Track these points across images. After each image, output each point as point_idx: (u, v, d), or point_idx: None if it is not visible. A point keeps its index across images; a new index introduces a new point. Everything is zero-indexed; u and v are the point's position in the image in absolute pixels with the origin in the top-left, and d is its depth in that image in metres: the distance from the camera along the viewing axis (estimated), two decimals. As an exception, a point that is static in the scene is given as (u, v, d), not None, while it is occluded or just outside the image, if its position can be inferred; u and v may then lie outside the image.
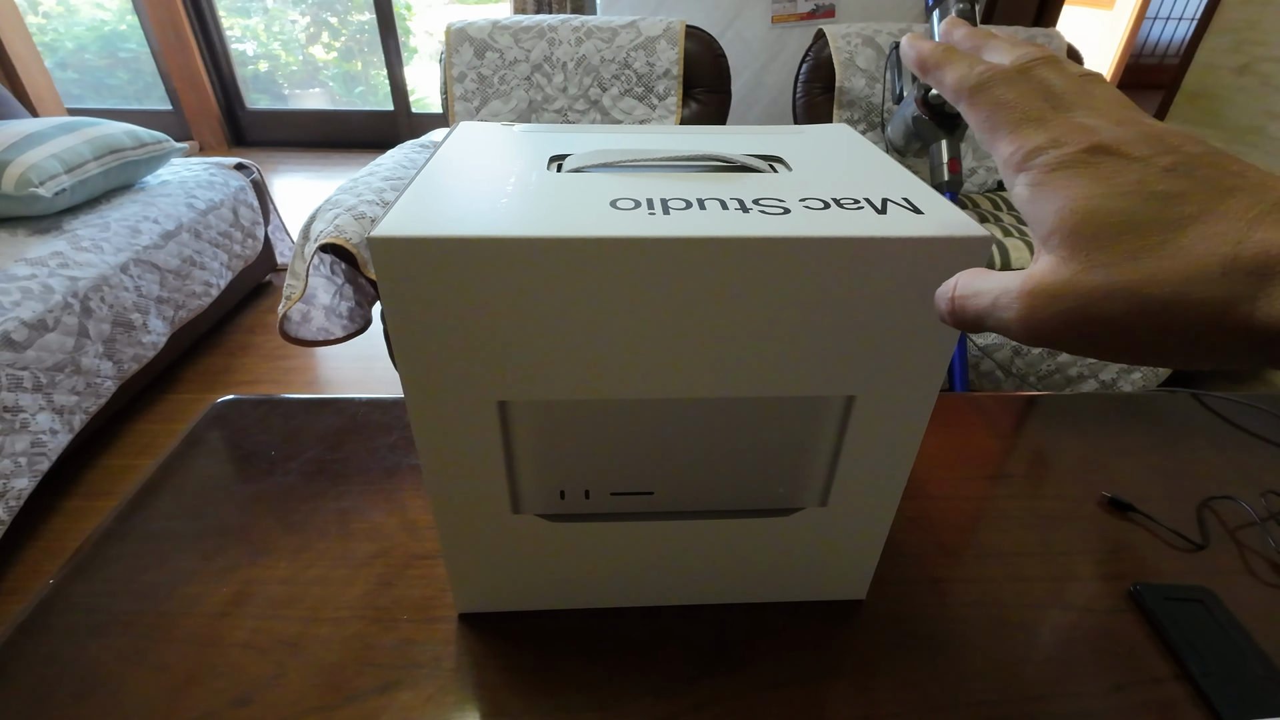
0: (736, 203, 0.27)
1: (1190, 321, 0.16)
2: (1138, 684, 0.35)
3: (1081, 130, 0.18)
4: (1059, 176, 0.17)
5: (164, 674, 0.34)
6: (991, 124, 0.20)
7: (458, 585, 0.36)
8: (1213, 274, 0.15)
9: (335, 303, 1.18)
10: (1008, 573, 0.42)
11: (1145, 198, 0.16)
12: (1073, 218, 0.17)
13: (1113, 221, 0.16)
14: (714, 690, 0.34)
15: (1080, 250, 0.17)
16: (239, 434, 0.52)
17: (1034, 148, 0.18)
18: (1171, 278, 0.16)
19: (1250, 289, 0.15)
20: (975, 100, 0.20)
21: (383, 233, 0.24)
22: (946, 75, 0.21)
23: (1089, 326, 0.17)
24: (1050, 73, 0.20)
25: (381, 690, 0.34)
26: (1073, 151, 0.17)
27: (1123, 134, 0.17)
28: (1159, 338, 0.16)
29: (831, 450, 0.32)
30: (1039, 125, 0.18)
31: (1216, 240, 0.15)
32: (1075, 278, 0.17)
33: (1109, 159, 0.17)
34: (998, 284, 0.19)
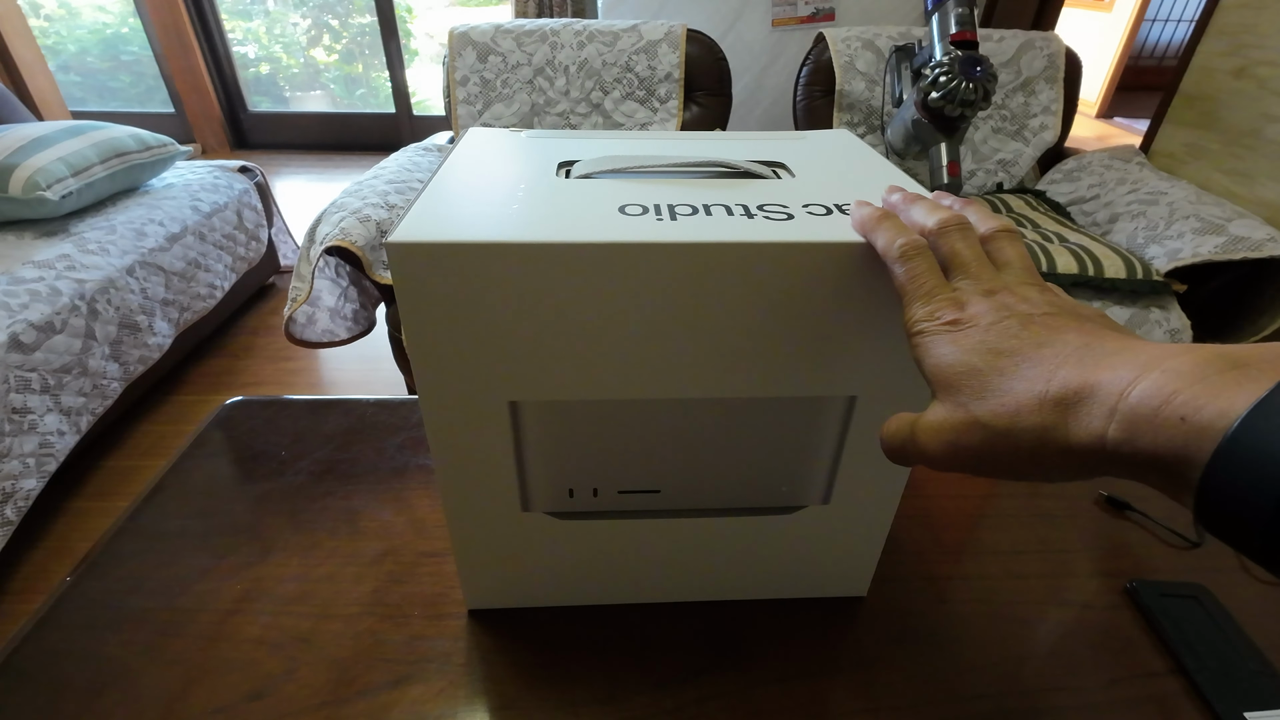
0: (741, 208, 0.28)
1: (1025, 445, 0.20)
2: (1134, 679, 0.36)
3: (952, 304, 0.23)
4: (930, 342, 0.23)
5: (178, 668, 0.35)
6: (901, 293, 0.24)
7: (467, 582, 0.37)
8: (1032, 408, 0.19)
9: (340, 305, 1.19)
10: (1006, 570, 0.43)
11: (984, 353, 0.21)
12: (938, 372, 0.22)
13: (963, 371, 0.21)
14: (718, 685, 0.35)
15: (947, 394, 0.22)
16: (248, 435, 0.52)
17: (916, 319, 0.23)
18: (1005, 412, 0.20)
19: (1060, 417, 0.19)
20: (893, 270, 0.25)
21: (399, 238, 0.25)
22: (878, 240, 0.25)
23: (964, 455, 0.21)
24: (956, 240, 0.25)
25: (393, 684, 0.35)
26: (940, 325, 0.23)
27: (983, 307, 0.22)
28: (1010, 458, 0.20)
29: (834, 449, 0.33)
30: (927, 299, 0.23)
31: (1033, 382, 0.20)
32: (948, 415, 0.22)
33: (962, 328, 0.22)
34: (906, 423, 0.24)
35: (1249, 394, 0.15)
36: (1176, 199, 1.27)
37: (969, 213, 0.26)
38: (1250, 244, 1.09)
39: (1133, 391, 0.17)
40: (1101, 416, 0.18)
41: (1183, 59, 1.46)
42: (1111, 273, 1.12)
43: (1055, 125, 1.55)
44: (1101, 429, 0.18)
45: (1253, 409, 0.15)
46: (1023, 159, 1.58)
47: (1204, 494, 0.15)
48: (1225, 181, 1.36)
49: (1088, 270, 1.12)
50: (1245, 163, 1.32)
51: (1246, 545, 0.15)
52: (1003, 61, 1.52)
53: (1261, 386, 0.15)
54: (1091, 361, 0.19)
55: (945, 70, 1.08)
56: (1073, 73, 1.55)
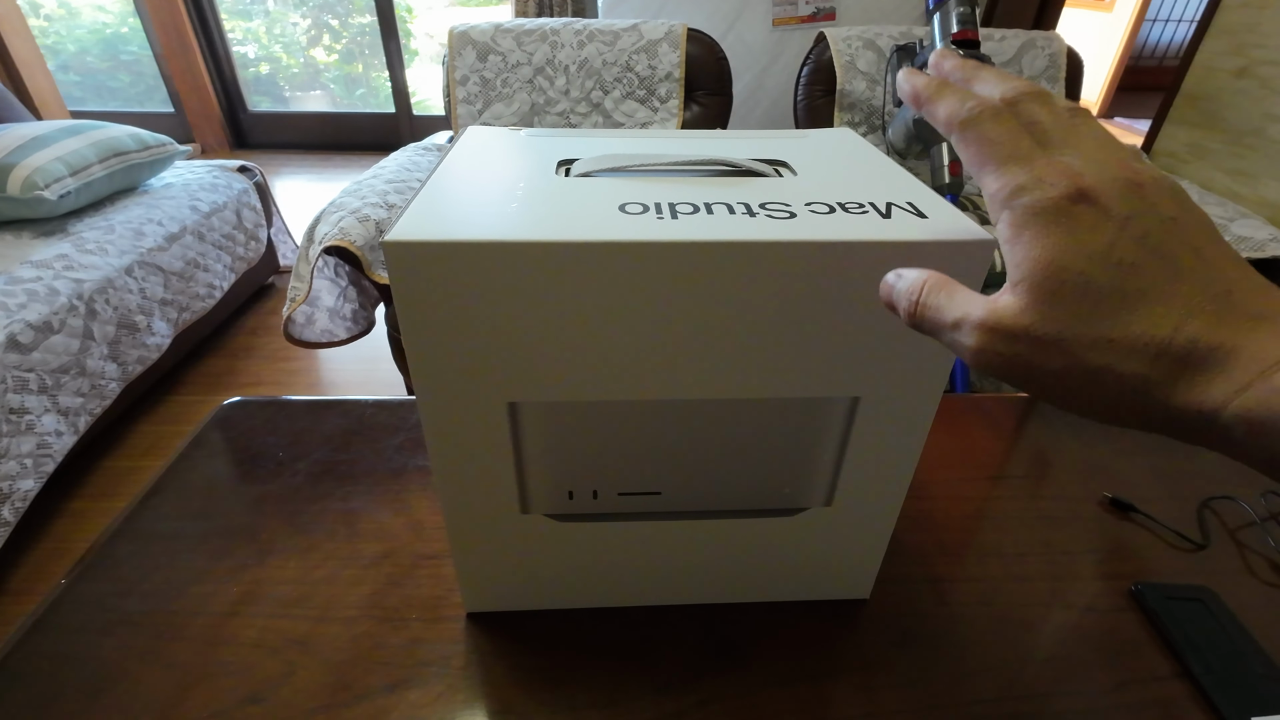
0: (743, 207, 0.28)
1: (1116, 390, 0.17)
2: (1139, 682, 0.36)
3: (1065, 172, 0.18)
4: (1037, 222, 0.18)
5: (175, 672, 0.35)
6: (980, 159, 0.20)
7: (466, 585, 0.37)
8: (1145, 354, 0.17)
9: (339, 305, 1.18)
10: (1009, 572, 0.42)
11: (1109, 265, 0.17)
12: (1041, 271, 0.18)
13: (1075, 283, 0.17)
14: (719, 688, 0.35)
15: (1041, 302, 0.18)
16: (246, 435, 0.52)
17: (1017, 186, 0.19)
18: (1110, 349, 0.17)
19: (1172, 375, 0.16)
20: (965, 135, 0.21)
21: (397, 237, 0.25)
22: (939, 109, 0.22)
23: (1031, 371, 0.18)
24: (1038, 108, 0.20)
25: (391, 688, 0.34)
26: (1054, 196, 0.18)
27: (1105, 181, 0.18)
28: (1089, 396, 0.18)
29: (836, 451, 0.32)
30: (1024, 163, 0.19)
31: (1156, 324, 0.17)
32: (1031, 326, 0.18)
33: (1087, 210, 0.18)
34: (961, 307, 0.20)
35: None
36: (1178, 199, 1.26)
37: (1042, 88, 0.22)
38: (1253, 244, 1.09)
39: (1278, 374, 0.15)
40: (1228, 388, 0.16)
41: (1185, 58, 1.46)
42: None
43: (1056, 125, 1.55)
44: (1223, 400, 0.16)
45: None
46: (1024, 159, 1.57)
47: None
48: (1227, 181, 1.35)
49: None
50: (1247, 162, 1.32)
51: None
52: (1004, 61, 1.52)
53: None
54: (1233, 319, 0.16)
55: (946, 69, 1.08)
56: (1074, 72, 1.55)
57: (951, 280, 0.21)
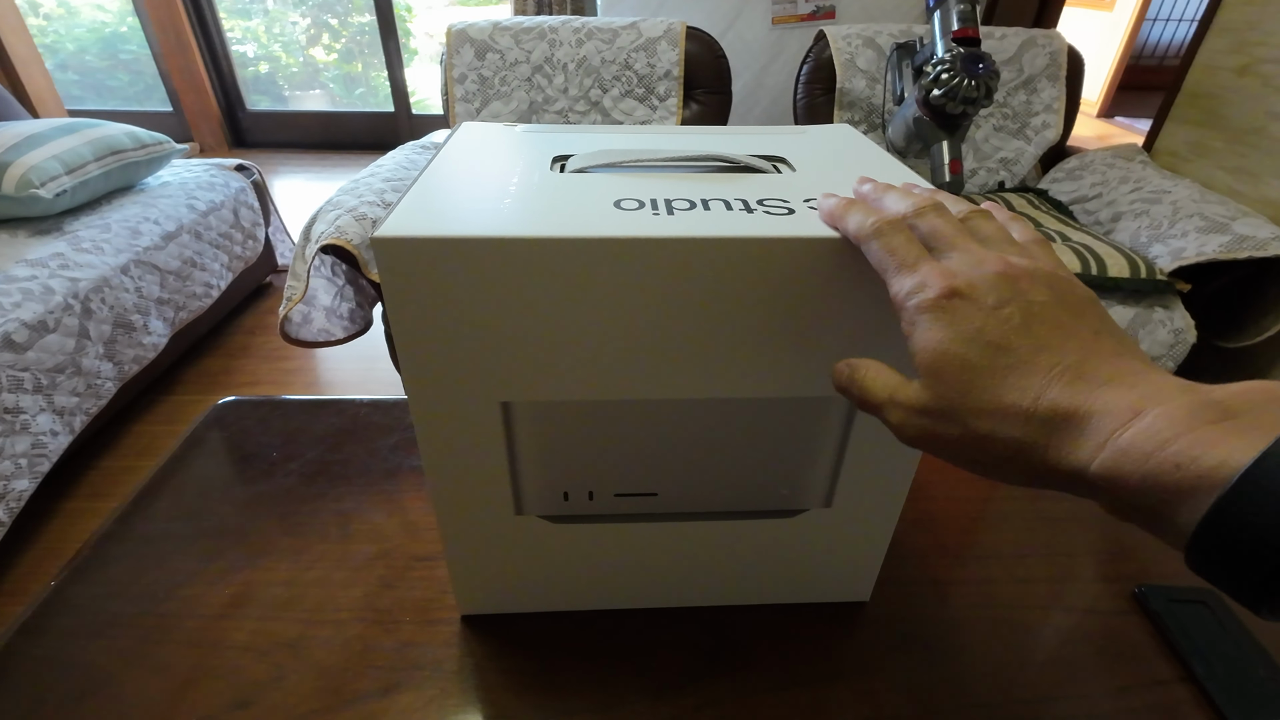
0: (741, 203, 0.27)
1: (1000, 451, 0.20)
2: (1142, 686, 0.35)
3: (943, 275, 0.21)
4: (923, 318, 0.21)
5: (163, 676, 0.34)
6: (880, 267, 0.23)
7: (460, 587, 0.36)
8: (1016, 420, 0.19)
9: (336, 304, 1.18)
10: (1010, 574, 0.42)
11: (981, 346, 0.20)
12: (929, 356, 0.21)
13: (954, 364, 0.20)
14: (716, 692, 0.34)
15: (934, 383, 0.21)
16: (239, 435, 0.52)
17: (907, 291, 0.22)
18: (989, 416, 0.20)
19: (1042, 438, 0.19)
20: (868, 246, 0.23)
21: (386, 233, 0.24)
22: (848, 224, 0.24)
23: (936, 442, 0.21)
24: (934, 218, 0.23)
25: (383, 693, 0.34)
26: (933, 297, 0.21)
27: (978, 278, 0.21)
28: (981, 458, 0.21)
29: (836, 452, 0.32)
30: (912, 270, 0.22)
31: (1022, 393, 0.19)
32: (929, 403, 0.21)
33: (961, 303, 0.21)
34: (886, 390, 0.23)
35: (1244, 446, 0.16)
36: (1180, 198, 1.26)
37: (941, 197, 0.26)
38: (1255, 243, 1.08)
39: (1125, 433, 0.17)
40: (1089, 448, 0.18)
41: (1186, 56, 1.45)
42: (1115, 272, 1.11)
43: (1057, 124, 1.54)
44: (1087, 459, 0.18)
45: (1254, 464, 0.15)
46: (1025, 157, 1.57)
47: (1200, 540, 0.16)
48: (1229, 180, 1.35)
49: (1091, 269, 1.11)
50: (1249, 161, 1.31)
51: (1237, 591, 0.16)
52: (1005, 59, 1.52)
53: (1255, 438, 0.16)
54: (1084, 387, 0.19)
55: (947, 67, 1.07)
56: (1075, 71, 1.54)
57: (884, 367, 0.24)
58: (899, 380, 0.23)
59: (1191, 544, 0.17)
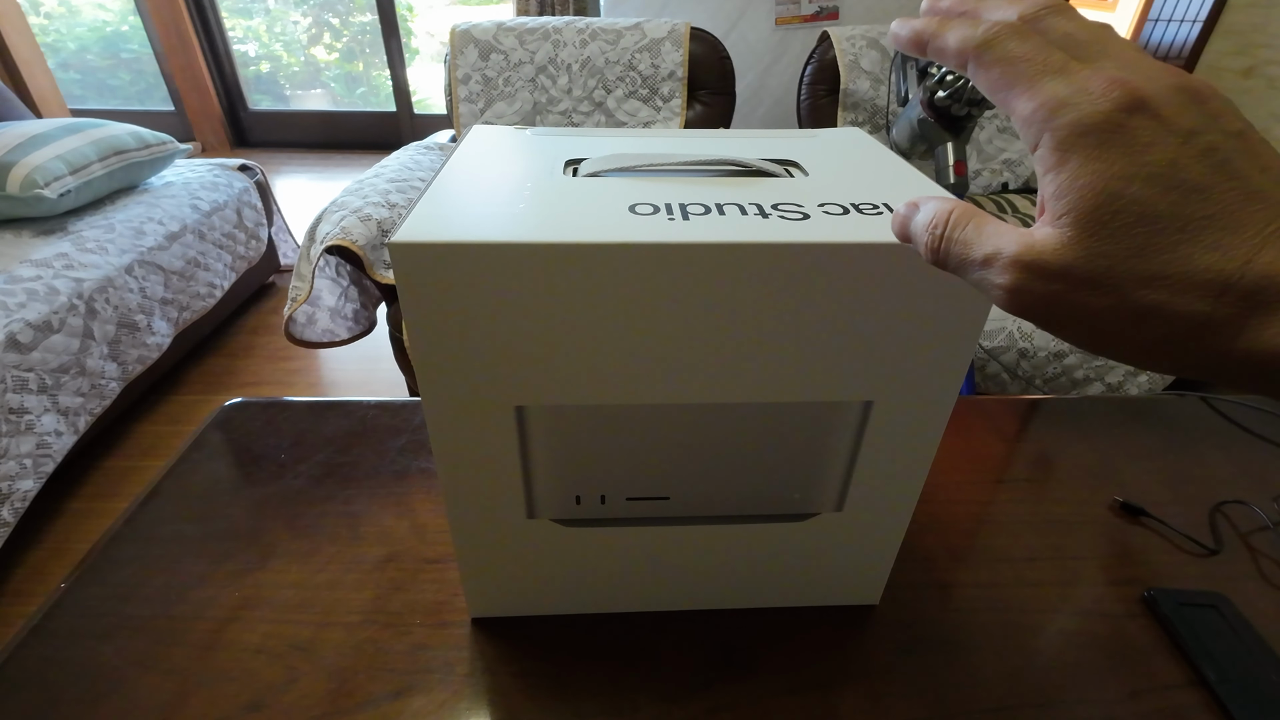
0: (755, 208, 0.27)
1: (1166, 331, 0.15)
2: (1152, 690, 0.35)
3: (1115, 81, 0.15)
4: (1086, 142, 0.15)
5: (174, 678, 0.34)
6: (1005, 81, 0.17)
7: (471, 590, 0.36)
8: (1208, 291, 0.15)
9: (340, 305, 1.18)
10: (1019, 577, 0.42)
11: (1171, 187, 0.15)
12: (1093, 199, 0.15)
13: (1132, 211, 0.15)
14: (726, 696, 0.34)
15: (1091, 235, 0.15)
16: (247, 437, 0.52)
17: (1058, 102, 0.16)
18: (1166, 285, 0.15)
19: (1240, 314, 0.14)
20: (983, 59, 0.17)
21: (403, 238, 0.24)
22: (949, 40, 0.18)
23: (1070, 311, 0.16)
24: (1064, 21, 0.17)
25: (394, 695, 0.34)
26: (1106, 109, 0.15)
27: (1162, 90, 0.15)
28: (1133, 337, 0.16)
29: (848, 456, 0.32)
30: (1062, 76, 0.16)
31: (1225, 254, 0.14)
32: (1076, 262, 0.16)
33: (1146, 123, 0.15)
34: (993, 242, 0.17)
35: None
36: (1183, 199, 1.25)
37: None
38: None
39: None
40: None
41: (1190, 58, 1.45)
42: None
43: (1060, 125, 1.54)
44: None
45: None
46: (1029, 159, 1.57)
47: None
48: (1232, 182, 1.35)
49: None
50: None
51: None
52: (1008, 60, 1.51)
53: None
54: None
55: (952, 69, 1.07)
56: (1078, 72, 1.54)
57: (980, 211, 0.18)
58: (1014, 230, 0.17)
59: None
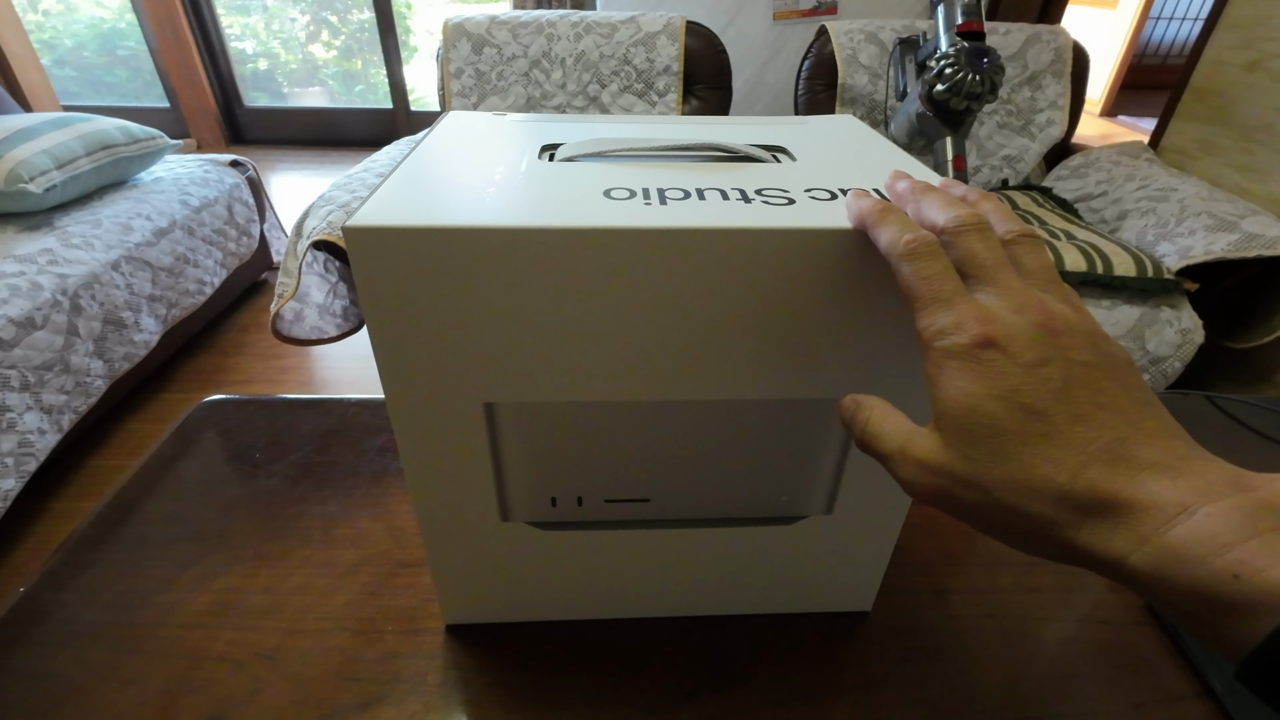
0: (738, 193, 0.26)
1: (1026, 526, 0.19)
2: (1157, 701, 0.34)
3: (980, 318, 0.19)
4: (951, 365, 0.19)
5: (135, 688, 0.33)
6: (910, 295, 0.21)
7: (445, 596, 0.35)
8: (1048, 498, 0.18)
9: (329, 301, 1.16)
10: (1018, 583, 0.40)
11: (1014, 408, 0.18)
12: (955, 411, 0.19)
13: (984, 424, 0.19)
14: (712, 707, 0.33)
15: (957, 441, 0.19)
16: (223, 435, 0.50)
17: (937, 329, 0.20)
18: (1017, 489, 0.18)
19: (1075, 520, 0.18)
20: (899, 269, 0.21)
21: (359, 222, 0.22)
22: (880, 237, 0.22)
23: (953, 504, 0.20)
24: (975, 241, 0.21)
25: (363, 707, 0.32)
26: (965, 343, 0.19)
27: (1017, 328, 0.19)
28: (1003, 529, 0.19)
29: (837, 456, 0.30)
30: (945, 307, 0.20)
31: (1056, 468, 0.18)
32: (949, 462, 0.20)
33: (996, 355, 0.19)
34: (897, 439, 0.21)
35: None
36: (1187, 195, 1.24)
37: (986, 209, 0.23)
38: (1264, 241, 1.07)
39: (1172, 530, 0.16)
40: (1129, 539, 0.17)
41: (1194, 52, 1.43)
42: (1121, 270, 1.09)
43: (1062, 121, 1.53)
44: (1124, 550, 0.17)
45: None
46: (1029, 155, 1.55)
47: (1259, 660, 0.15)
48: (1237, 177, 1.33)
49: (1096, 268, 1.10)
50: (1258, 158, 1.29)
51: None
52: (1009, 55, 1.50)
53: None
54: (1125, 469, 0.17)
55: (951, 62, 1.05)
56: (1080, 67, 1.53)
57: (893, 410, 0.22)
58: (911, 430, 0.21)
59: (1248, 662, 0.15)
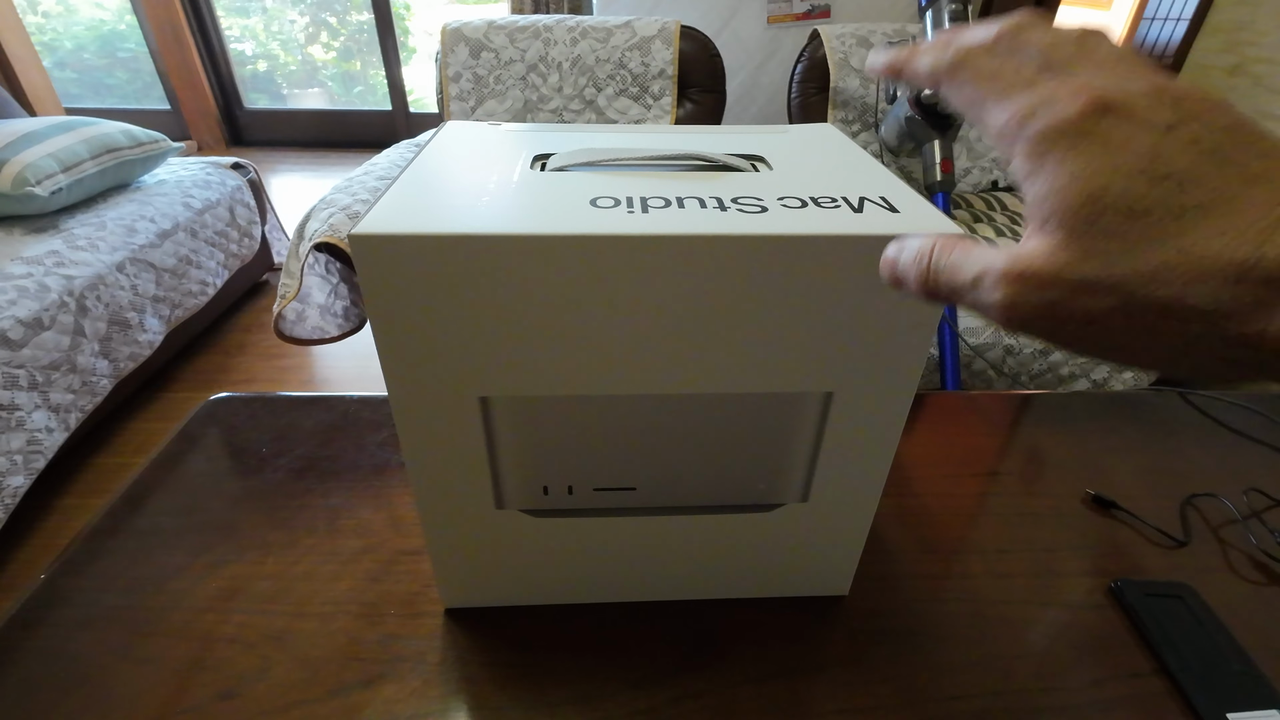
0: (715, 201, 0.28)
1: (1186, 328, 0.14)
2: (1116, 679, 0.36)
3: (1081, 88, 0.15)
4: (1060, 146, 0.15)
5: (151, 667, 0.35)
6: (976, 97, 0.17)
7: (443, 581, 0.37)
8: (1224, 278, 0.13)
9: (330, 301, 1.18)
10: (991, 569, 0.42)
11: (1157, 178, 0.14)
12: (1073, 199, 0.15)
13: (1118, 205, 0.14)
14: (694, 684, 0.35)
15: (1078, 236, 0.15)
16: (230, 431, 0.52)
17: (1026, 112, 0.16)
18: (1174, 278, 0.14)
19: (1265, 299, 0.13)
20: (955, 76, 0.17)
21: (364, 230, 0.24)
22: (921, 62, 0.18)
23: (1074, 321, 0.15)
24: (1038, 34, 0.17)
25: (366, 684, 0.34)
26: (1074, 112, 0.15)
27: (1132, 89, 0.15)
28: (1148, 341, 0.15)
29: (811, 446, 0.32)
30: (1030, 88, 0.16)
31: (1234, 239, 0.13)
32: (1068, 267, 0.15)
33: (1116, 122, 0.15)
34: (980, 261, 0.16)
35: None
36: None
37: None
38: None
39: None
40: None
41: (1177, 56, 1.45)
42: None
43: (1051, 123, 1.54)
44: None
45: None
46: (1018, 157, 1.57)
47: None
48: (1220, 180, 1.35)
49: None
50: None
51: None
52: (998, 59, 1.52)
53: None
54: None
55: (939, 67, 1.07)
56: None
57: (965, 236, 0.18)
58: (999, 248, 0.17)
59: None
